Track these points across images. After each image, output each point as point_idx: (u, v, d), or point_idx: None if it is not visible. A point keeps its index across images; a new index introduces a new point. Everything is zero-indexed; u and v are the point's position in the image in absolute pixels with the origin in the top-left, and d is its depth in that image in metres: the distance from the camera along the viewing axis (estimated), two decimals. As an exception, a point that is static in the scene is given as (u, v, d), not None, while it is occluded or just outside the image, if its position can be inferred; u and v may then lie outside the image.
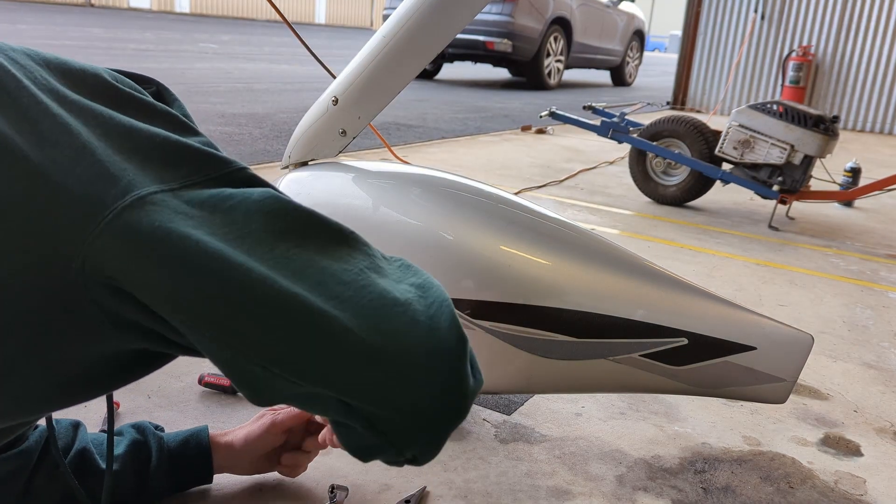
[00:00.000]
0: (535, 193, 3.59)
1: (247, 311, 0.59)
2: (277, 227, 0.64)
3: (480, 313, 1.20)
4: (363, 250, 0.68)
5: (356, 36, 19.62)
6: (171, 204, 0.61)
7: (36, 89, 0.63)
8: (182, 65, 8.22)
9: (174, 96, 0.79)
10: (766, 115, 3.17)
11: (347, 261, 0.65)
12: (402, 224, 1.23)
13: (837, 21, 7.55)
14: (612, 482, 1.28)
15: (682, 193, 3.51)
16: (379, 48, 1.29)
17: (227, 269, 0.59)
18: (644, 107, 5.30)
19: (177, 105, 0.78)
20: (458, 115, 6.31)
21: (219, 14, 24.37)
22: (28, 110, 0.62)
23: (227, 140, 4.22)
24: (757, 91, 8.11)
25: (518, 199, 1.28)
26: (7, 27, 10.46)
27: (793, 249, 2.96)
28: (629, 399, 1.58)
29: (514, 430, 1.43)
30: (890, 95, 7.47)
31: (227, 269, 0.59)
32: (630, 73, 11.74)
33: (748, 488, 1.29)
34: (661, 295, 1.17)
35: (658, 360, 1.18)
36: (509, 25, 8.59)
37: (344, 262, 0.65)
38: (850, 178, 3.94)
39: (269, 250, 0.62)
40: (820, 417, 1.58)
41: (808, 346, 1.17)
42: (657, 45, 46.25)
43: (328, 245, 0.66)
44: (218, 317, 0.59)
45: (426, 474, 1.25)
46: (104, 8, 20.75)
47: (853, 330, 2.10)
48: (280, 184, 1.38)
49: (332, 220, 0.68)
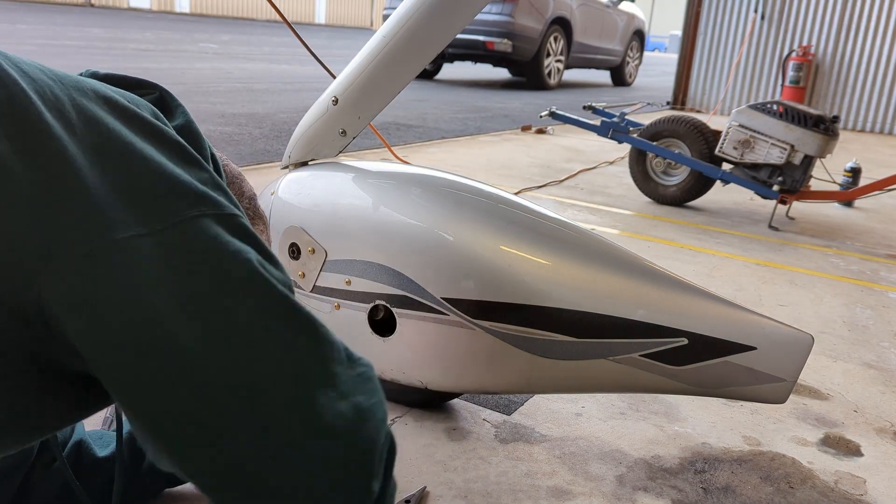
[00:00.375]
0: (535, 193, 3.59)
1: (174, 385, 0.59)
2: (247, 305, 0.62)
3: (480, 313, 1.20)
4: (323, 352, 0.66)
5: (356, 36, 19.62)
6: (145, 251, 0.60)
7: (45, 109, 0.62)
8: (182, 65, 8.22)
9: (177, 102, 0.79)
10: (766, 115, 3.17)
11: (299, 364, 0.64)
12: (402, 224, 1.23)
13: (837, 21, 7.55)
14: (612, 482, 1.28)
15: (682, 193, 3.51)
16: (379, 48, 1.29)
17: (160, 340, 0.58)
18: (644, 107, 5.30)
19: (179, 111, 0.78)
20: (458, 115, 6.31)
21: (219, 14, 24.36)
22: (31, 136, 0.60)
23: (227, 140, 4.22)
24: (757, 91, 8.10)
25: (518, 199, 1.29)
26: (7, 27, 10.46)
27: (793, 249, 2.96)
28: (629, 399, 1.58)
29: (514, 430, 1.43)
30: (890, 95, 7.46)
31: (160, 339, 0.58)
32: (630, 73, 11.74)
33: (748, 488, 1.29)
34: (661, 295, 1.17)
35: (658, 360, 1.18)
36: (509, 25, 8.59)
37: (294, 366, 0.63)
38: (850, 178, 3.94)
39: (221, 328, 0.61)
40: (820, 417, 1.58)
41: (808, 346, 1.17)
42: (657, 45, 46.25)
43: (293, 337, 0.64)
44: (141, 380, 0.59)
45: (426, 474, 1.25)
46: (104, 8, 20.75)
47: (853, 330, 2.10)
48: (280, 184, 1.38)
49: (304, 308, 0.67)
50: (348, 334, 1.32)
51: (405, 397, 1.46)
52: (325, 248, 1.30)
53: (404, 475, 1.24)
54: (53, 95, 0.62)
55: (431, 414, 1.45)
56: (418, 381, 1.30)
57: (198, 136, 0.77)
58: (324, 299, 1.33)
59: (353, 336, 1.32)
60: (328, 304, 1.32)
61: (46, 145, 0.59)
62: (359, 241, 1.26)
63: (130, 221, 0.60)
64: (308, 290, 1.34)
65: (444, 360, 1.26)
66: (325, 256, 1.30)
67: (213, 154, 0.81)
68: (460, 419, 1.44)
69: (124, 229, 0.59)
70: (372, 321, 1.30)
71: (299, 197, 1.34)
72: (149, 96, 0.78)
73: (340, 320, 1.32)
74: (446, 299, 1.21)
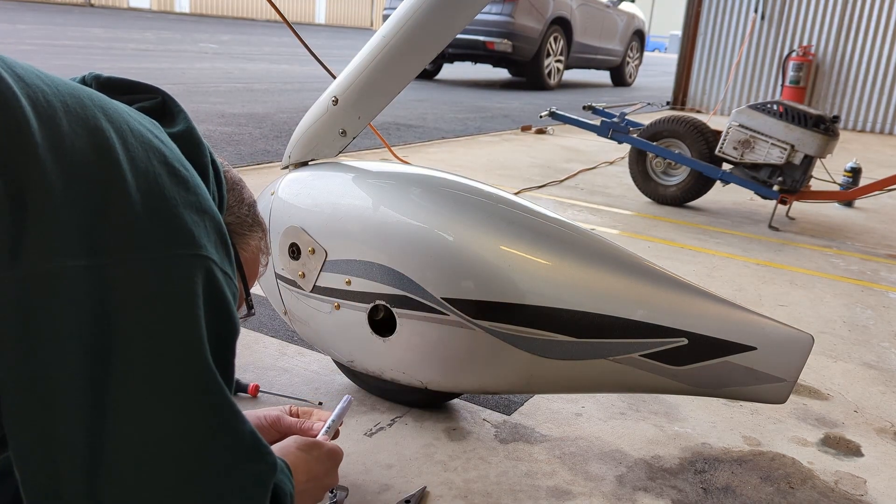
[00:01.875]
0: (535, 193, 3.59)
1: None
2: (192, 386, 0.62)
3: (480, 313, 1.20)
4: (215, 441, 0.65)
5: (356, 36, 19.62)
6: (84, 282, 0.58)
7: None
8: (182, 65, 8.22)
9: (179, 107, 0.79)
10: (767, 115, 3.17)
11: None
12: (402, 224, 1.23)
13: (837, 21, 7.55)
14: (612, 482, 1.28)
15: (682, 193, 3.51)
16: (379, 48, 1.29)
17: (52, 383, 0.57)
18: (644, 107, 5.30)
19: (181, 116, 0.77)
20: (458, 115, 6.31)
21: (219, 14, 24.36)
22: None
23: (227, 140, 4.22)
24: (757, 91, 8.10)
25: (518, 199, 1.28)
26: (7, 27, 10.46)
27: (793, 249, 2.96)
28: (629, 399, 1.58)
29: (514, 430, 1.43)
30: (890, 95, 7.46)
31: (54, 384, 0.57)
32: (630, 73, 11.74)
33: (748, 488, 1.29)
34: (661, 295, 1.17)
35: (658, 360, 1.18)
36: (509, 25, 8.59)
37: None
38: (850, 178, 3.94)
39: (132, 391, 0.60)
40: (820, 417, 1.58)
41: (808, 346, 1.17)
42: (657, 45, 46.24)
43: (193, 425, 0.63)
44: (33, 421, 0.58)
45: (426, 474, 1.25)
46: (104, 8, 20.74)
47: (853, 330, 2.10)
48: (280, 184, 1.38)
49: (246, 426, 0.67)
50: (348, 334, 1.32)
51: (405, 397, 1.46)
52: (325, 248, 1.30)
53: (404, 475, 1.24)
54: (46, 101, 0.61)
55: (431, 414, 1.45)
56: (418, 381, 1.30)
57: (198, 143, 0.77)
58: (324, 299, 1.33)
59: (352, 336, 1.32)
60: (328, 304, 1.32)
61: (20, 152, 0.56)
62: (359, 242, 1.26)
63: (82, 252, 0.58)
64: (308, 290, 1.34)
65: (444, 360, 1.26)
66: (325, 256, 1.30)
67: (213, 160, 0.81)
68: (460, 419, 1.44)
69: (73, 258, 0.57)
70: (372, 321, 1.30)
71: (299, 197, 1.34)
72: (151, 101, 0.78)
73: (340, 320, 1.32)
74: (446, 299, 1.21)
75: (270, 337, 1.76)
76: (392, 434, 1.37)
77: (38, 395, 0.57)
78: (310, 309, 1.36)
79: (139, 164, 0.63)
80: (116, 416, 0.59)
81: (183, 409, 0.62)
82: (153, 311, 0.60)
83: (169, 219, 0.63)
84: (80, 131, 0.61)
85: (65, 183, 0.58)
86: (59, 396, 0.57)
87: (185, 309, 0.62)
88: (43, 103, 0.60)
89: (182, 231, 0.63)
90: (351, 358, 1.36)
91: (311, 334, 1.40)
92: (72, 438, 0.58)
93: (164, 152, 0.67)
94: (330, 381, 1.56)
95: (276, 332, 1.79)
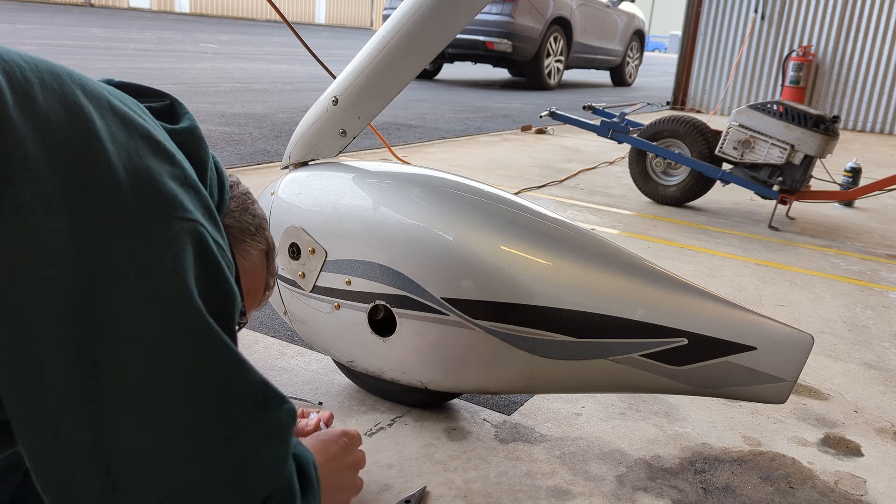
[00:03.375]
0: (535, 193, 3.59)
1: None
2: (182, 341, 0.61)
3: (480, 313, 1.20)
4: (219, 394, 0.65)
5: (356, 36, 19.62)
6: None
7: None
8: (182, 65, 8.22)
9: (185, 110, 0.79)
10: (766, 115, 3.17)
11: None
12: (402, 224, 1.23)
13: (837, 21, 7.55)
14: (612, 482, 1.28)
15: (682, 193, 3.51)
16: (379, 48, 1.29)
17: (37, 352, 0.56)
18: (644, 107, 5.30)
19: (186, 118, 0.77)
20: (458, 115, 6.31)
21: (219, 14, 24.36)
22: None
23: (227, 140, 4.22)
24: (757, 91, 8.10)
25: (518, 199, 1.29)
26: (7, 27, 10.46)
27: (793, 249, 2.96)
28: (629, 399, 1.58)
29: (514, 430, 1.43)
30: (890, 95, 7.46)
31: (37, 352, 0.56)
32: (630, 73, 11.74)
33: (748, 488, 1.29)
34: (661, 295, 1.17)
35: (658, 360, 1.18)
36: (509, 25, 8.59)
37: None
38: (850, 178, 3.94)
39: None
40: (820, 417, 1.58)
41: (808, 346, 1.17)
42: (657, 45, 46.25)
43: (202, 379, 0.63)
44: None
45: (426, 474, 1.25)
46: (104, 8, 20.75)
47: (853, 330, 2.10)
48: (280, 184, 1.38)
49: (256, 376, 0.68)
50: (348, 334, 1.32)
51: (405, 397, 1.46)
52: (325, 248, 1.30)
53: (404, 475, 1.24)
54: (23, 76, 0.60)
55: (431, 414, 1.45)
56: (418, 381, 1.30)
57: (199, 140, 0.77)
58: (324, 299, 1.33)
59: (352, 336, 1.32)
60: (328, 304, 1.32)
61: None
62: (359, 242, 1.26)
63: (63, 215, 0.57)
64: (308, 290, 1.34)
65: (444, 360, 1.26)
66: (325, 256, 1.30)
67: (217, 164, 0.81)
68: (460, 419, 1.44)
69: (55, 221, 0.57)
70: (372, 321, 1.30)
71: (299, 197, 1.34)
72: (159, 104, 0.79)
73: (340, 320, 1.32)
74: (446, 299, 1.21)
75: (270, 337, 1.76)
76: (392, 434, 1.37)
77: (27, 365, 0.56)
78: (310, 309, 1.36)
79: (119, 137, 0.63)
80: (114, 378, 0.58)
81: (183, 359, 0.61)
82: (140, 274, 0.60)
83: (152, 184, 0.62)
84: (57, 106, 0.61)
85: (44, 153, 0.58)
86: (48, 368, 0.56)
87: (175, 270, 0.61)
88: (20, 78, 0.60)
89: (166, 195, 0.63)
90: (351, 358, 1.36)
91: (311, 334, 1.40)
92: (68, 408, 0.57)
93: (147, 127, 0.67)
94: (330, 381, 1.56)
95: (276, 332, 1.79)
